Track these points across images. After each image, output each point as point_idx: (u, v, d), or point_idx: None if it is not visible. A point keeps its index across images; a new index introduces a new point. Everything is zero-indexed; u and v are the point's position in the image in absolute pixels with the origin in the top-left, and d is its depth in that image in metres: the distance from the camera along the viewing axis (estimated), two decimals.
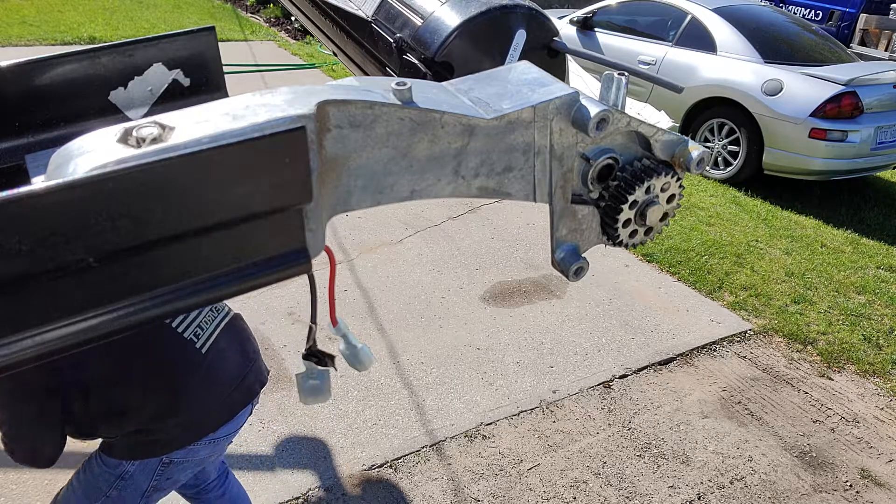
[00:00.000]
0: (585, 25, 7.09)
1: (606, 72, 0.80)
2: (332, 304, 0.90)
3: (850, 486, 2.72)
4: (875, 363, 3.52)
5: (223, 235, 0.38)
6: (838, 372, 3.45)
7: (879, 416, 3.15)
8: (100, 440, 1.54)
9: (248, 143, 0.37)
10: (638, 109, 1.03)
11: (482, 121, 0.55)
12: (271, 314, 3.39)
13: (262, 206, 0.38)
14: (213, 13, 11.15)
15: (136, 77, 0.55)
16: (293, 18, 10.68)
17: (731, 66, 5.86)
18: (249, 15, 11.44)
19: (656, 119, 1.04)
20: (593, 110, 0.66)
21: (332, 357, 0.96)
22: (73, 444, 1.47)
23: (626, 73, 0.81)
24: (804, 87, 5.50)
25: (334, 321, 0.93)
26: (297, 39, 10.04)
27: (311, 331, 0.89)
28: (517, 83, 0.67)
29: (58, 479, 2.37)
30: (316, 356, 0.93)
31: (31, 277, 0.30)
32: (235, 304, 1.65)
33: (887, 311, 4.04)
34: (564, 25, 7.23)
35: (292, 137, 0.37)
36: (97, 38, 8.46)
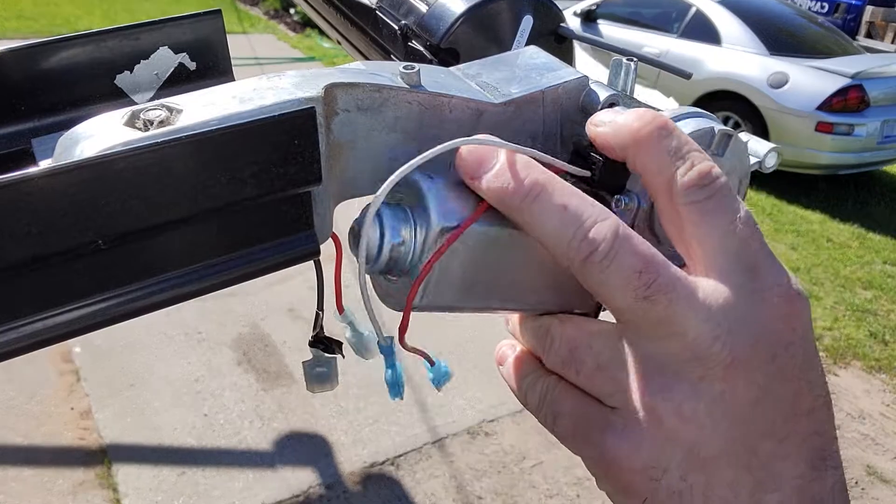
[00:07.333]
0: (589, 17, 7.04)
1: (615, 57, 0.77)
2: (339, 291, 0.88)
3: (856, 483, 2.70)
4: (881, 359, 3.49)
5: (233, 218, 0.40)
6: (844, 368, 3.42)
7: (885, 412, 3.12)
8: None
9: (257, 125, 0.38)
10: (647, 96, 1.00)
11: (490, 105, 0.53)
12: (272, 311, 3.36)
13: (270, 189, 0.40)
14: (212, 5, 11.13)
15: (142, 61, 0.56)
16: (293, 10, 10.63)
17: (736, 59, 5.80)
18: (248, 7, 11.39)
19: (665, 106, 1.01)
20: (602, 95, 0.64)
21: (339, 344, 0.94)
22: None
23: (635, 59, 0.79)
24: (810, 80, 5.45)
25: (340, 308, 0.91)
26: (297, 32, 10.00)
27: (317, 317, 0.87)
28: (525, 68, 0.65)
29: (57, 478, 2.35)
30: (323, 343, 0.92)
31: (42, 260, 0.32)
32: (237, 301, 1.63)
33: (894, 307, 4.01)
34: (568, 17, 7.20)
35: (301, 119, 0.39)
36: None
